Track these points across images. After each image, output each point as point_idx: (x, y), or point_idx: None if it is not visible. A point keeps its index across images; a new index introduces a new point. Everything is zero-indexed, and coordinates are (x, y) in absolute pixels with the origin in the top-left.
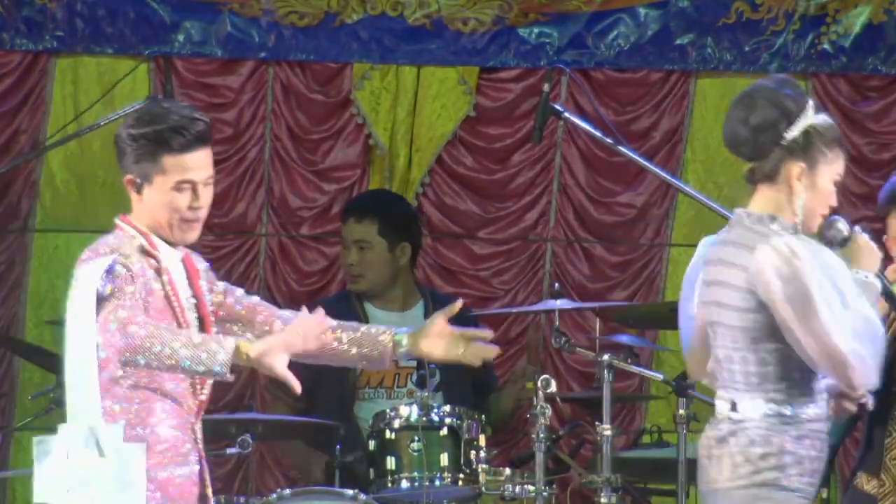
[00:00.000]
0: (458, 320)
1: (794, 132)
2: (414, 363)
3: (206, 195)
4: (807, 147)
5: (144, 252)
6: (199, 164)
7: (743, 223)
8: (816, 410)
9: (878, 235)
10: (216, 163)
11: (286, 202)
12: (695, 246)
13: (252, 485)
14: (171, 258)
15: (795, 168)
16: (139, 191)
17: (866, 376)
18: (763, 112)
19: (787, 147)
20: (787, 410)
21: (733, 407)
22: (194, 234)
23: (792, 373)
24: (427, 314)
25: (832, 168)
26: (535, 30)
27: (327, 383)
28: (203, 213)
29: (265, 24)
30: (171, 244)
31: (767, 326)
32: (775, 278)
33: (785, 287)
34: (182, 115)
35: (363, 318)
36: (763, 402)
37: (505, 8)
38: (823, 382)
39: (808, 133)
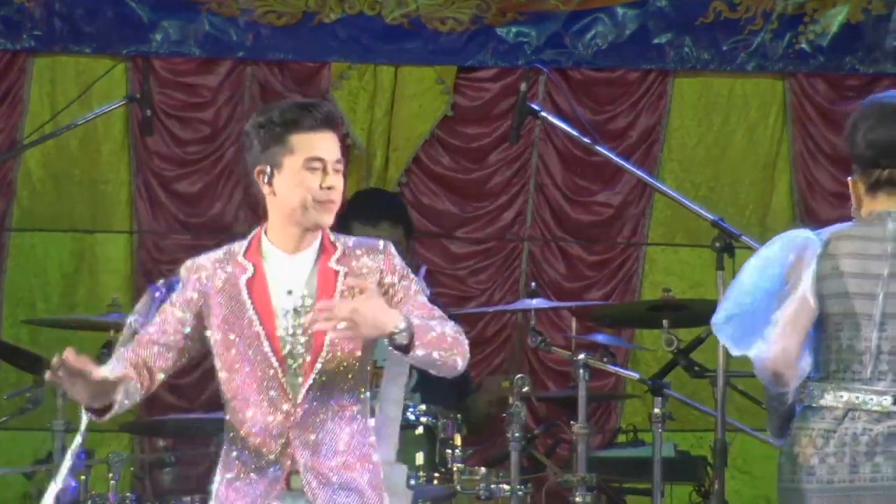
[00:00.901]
0: None
1: None
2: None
3: (338, 179)
4: None
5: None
6: (327, 144)
7: None
8: None
9: None
10: (192, 162)
11: (262, 202)
12: (672, 245)
13: None
14: (284, 262)
15: None
16: (270, 181)
17: None
18: None
19: None
20: None
21: None
22: (329, 216)
23: None
24: None
25: None
26: (513, 29)
27: None
28: (335, 196)
29: (243, 23)
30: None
31: None
32: None
33: None
34: (306, 100)
35: None
36: None
37: (483, 7)
38: None
39: None
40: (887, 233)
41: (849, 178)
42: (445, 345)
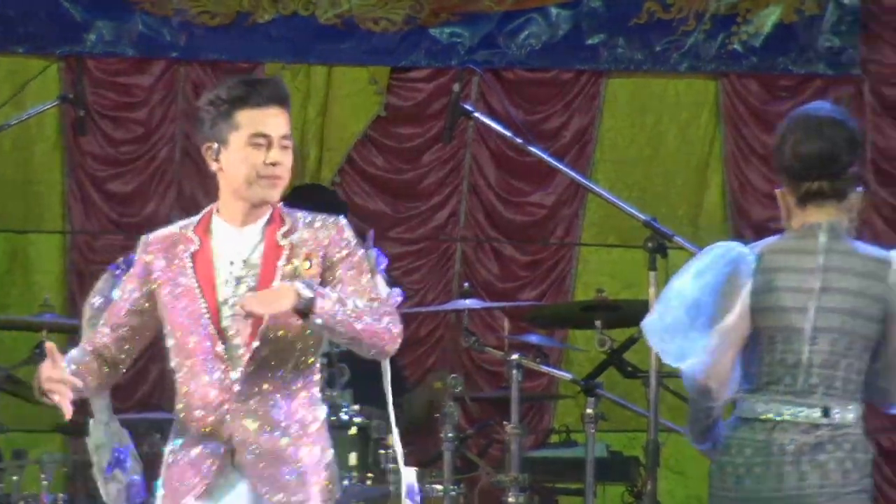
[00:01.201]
0: None
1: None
2: (325, 360)
3: (284, 155)
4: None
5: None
6: (273, 120)
7: (839, 235)
8: None
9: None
10: (125, 162)
11: (196, 202)
12: (605, 245)
13: None
14: (231, 235)
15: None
16: (217, 157)
17: None
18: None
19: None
20: (862, 419)
21: (826, 413)
22: (275, 191)
23: (863, 384)
24: None
25: None
26: (447, 30)
27: None
28: (281, 171)
29: (177, 23)
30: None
31: (877, 338)
32: None
33: None
34: (253, 77)
35: None
36: (855, 408)
37: (416, 8)
38: None
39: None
40: (819, 246)
41: (777, 190)
42: (365, 323)
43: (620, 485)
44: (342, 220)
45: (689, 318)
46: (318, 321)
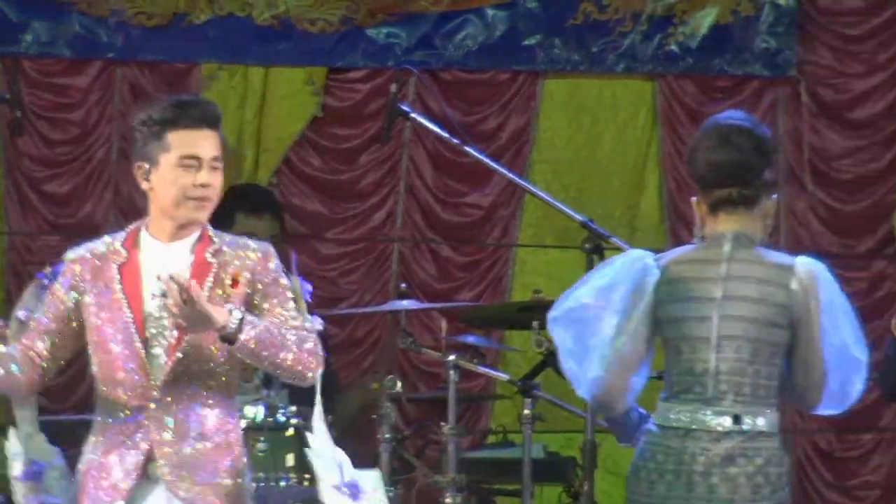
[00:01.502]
0: None
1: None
2: None
3: (214, 176)
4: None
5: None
6: (204, 142)
7: (743, 243)
8: None
9: None
10: (61, 163)
11: (133, 203)
12: (542, 246)
13: None
14: (160, 250)
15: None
16: (147, 177)
17: None
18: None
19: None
20: (777, 426)
21: (736, 420)
22: (203, 213)
23: (777, 389)
24: None
25: None
26: (384, 30)
27: None
28: (210, 193)
29: (113, 24)
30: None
31: (786, 343)
32: (815, 297)
33: (824, 304)
34: (188, 98)
35: None
36: (768, 415)
37: (353, 8)
38: None
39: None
40: (723, 255)
41: (692, 199)
42: (291, 352)
43: (558, 485)
44: (270, 248)
45: (590, 319)
46: (242, 351)
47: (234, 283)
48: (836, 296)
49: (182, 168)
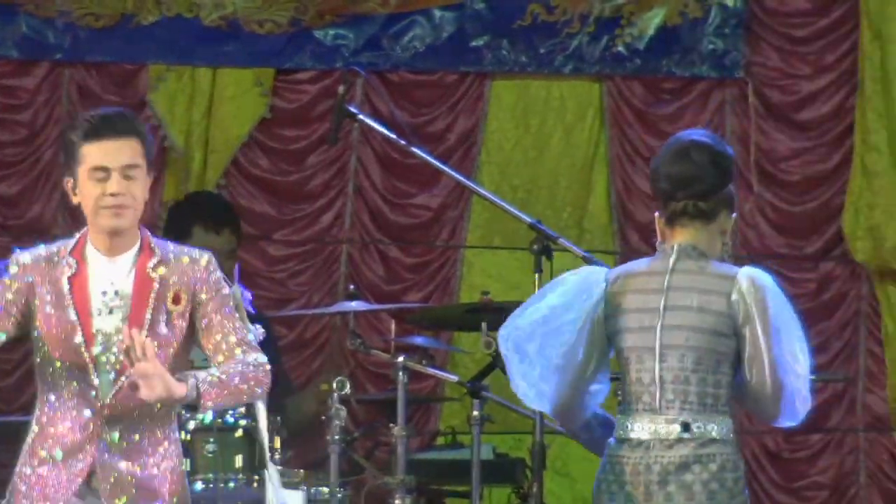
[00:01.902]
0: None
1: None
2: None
3: (128, 185)
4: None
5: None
6: (112, 152)
7: (690, 255)
8: None
9: None
10: (9, 164)
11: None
12: (490, 248)
13: None
14: (104, 263)
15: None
16: (74, 191)
17: None
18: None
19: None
20: (731, 433)
21: (686, 428)
22: (121, 220)
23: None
24: None
25: None
26: (331, 31)
27: None
28: (125, 200)
29: (61, 25)
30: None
31: (733, 352)
32: (758, 307)
33: (767, 314)
34: (105, 110)
35: None
36: (719, 422)
37: (301, 10)
38: None
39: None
40: (668, 266)
41: (655, 214)
42: (243, 387)
43: (507, 486)
44: (211, 259)
45: (542, 347)
46: (203, 413)
47: (176, 299)
48: (780, 307)
49: (93, 180)
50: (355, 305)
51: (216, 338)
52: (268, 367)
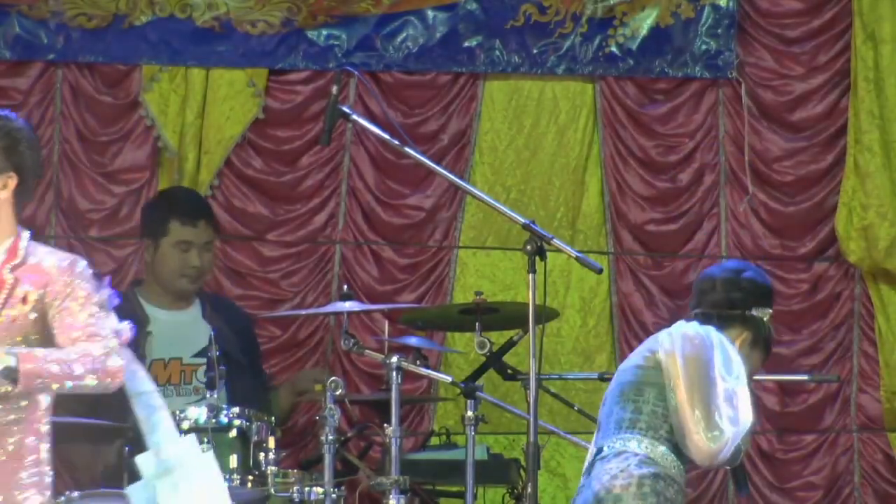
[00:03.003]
0: (236, 321)
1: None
2: (203, 360)
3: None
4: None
5: None
6: None
7: None
8: None
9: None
10: None
11: (75, 204)
12: (483, 248)
13: None
14: None
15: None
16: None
17: None
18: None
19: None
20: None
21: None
22: None
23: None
24: (205, 314)
25: None
26: (324, 32)
27: None
28: None
29: (54, 25)
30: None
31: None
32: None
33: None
34: None
35: (144, 319)
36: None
37: (293, 10)
38: None
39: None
40: None
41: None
42: (69, 370)
43: (501, 487)
44: (74, 261)
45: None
46: (22, 387)
47: (24, 299)
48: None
49: None
50: (349, 306)
51: (64, 336)
52: (118, 367)
